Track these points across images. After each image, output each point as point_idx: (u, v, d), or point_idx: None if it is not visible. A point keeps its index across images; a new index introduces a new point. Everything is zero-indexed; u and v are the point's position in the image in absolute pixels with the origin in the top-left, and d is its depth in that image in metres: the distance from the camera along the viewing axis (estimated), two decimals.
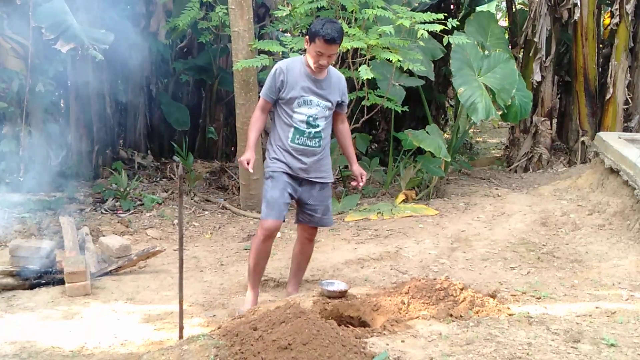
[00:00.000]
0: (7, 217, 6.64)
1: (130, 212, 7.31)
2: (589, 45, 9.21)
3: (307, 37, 4.16)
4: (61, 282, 4.80)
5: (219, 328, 3.69)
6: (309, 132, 4.22)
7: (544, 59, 9.40)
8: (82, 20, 7.03)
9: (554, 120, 10.12)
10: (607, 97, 9.18)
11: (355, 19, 6.90)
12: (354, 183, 4.51)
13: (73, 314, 4.36)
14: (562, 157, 9.63)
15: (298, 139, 4.22)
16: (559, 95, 10.31)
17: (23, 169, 7.26)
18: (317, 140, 4.26)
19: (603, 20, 10.38)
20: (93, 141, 8.59)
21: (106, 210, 7.29)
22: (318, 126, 4.23)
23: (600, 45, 9.68)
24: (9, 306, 4.49)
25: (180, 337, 3.64)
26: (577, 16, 9.06)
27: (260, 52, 7.04)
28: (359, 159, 8.83)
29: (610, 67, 9.21)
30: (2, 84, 7.03)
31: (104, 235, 6.22)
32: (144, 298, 4.76)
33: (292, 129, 4.22)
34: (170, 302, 4.54)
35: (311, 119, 4.21)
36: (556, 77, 9.87)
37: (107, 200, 7.59)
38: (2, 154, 7.24)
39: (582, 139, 9.32)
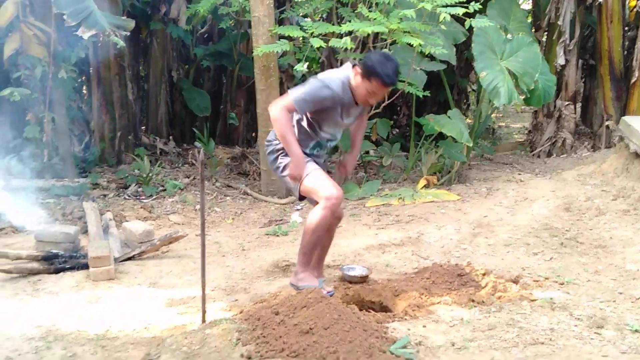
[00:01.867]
0: (32, 202, 6.73)
1: (153, 197, 7.37)
2: (614, 28, 9.06)
3: (360, 70, 3.87)
4: (85, 266, 4.86)
5: (241, 312, 3.72)
6: (329, 145, 4.20)
7: (567, 42, 9.25)
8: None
9: (578, 105, 9.99)
10: (633, 80, 9.00)
11: (377, 3, 6.85)
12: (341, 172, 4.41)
13: (97, 298, 4.41)
14: (586, 141, 9.51)
15: (317, 151, 4.18)
16: (583, 79, 10.17)
17: (47, 155, 7.34)
18: (330, 148, 4.27)
19: (628, 3, 10.19)
20: (115, 127, 8.66)
21: (129, 196, 7.36)
22: (337, 139, 4.21)
23: (626, 28, 9.51)
24: (35, 290, 4.55)
25: (203, 321, 3.67)
26: None
27: (281, 37, 7.02)
28: (379, 144, 8.88)
29: (636, 50, 9.03)
30: (25, 70, 7.10)
31: (127, 221, 6.28)
32: (167, 283, 4.80)
33: (314, 142, 4.12)
34: (193, 287, 4.57)
35: (335, 136, 4.16)
36: (580, 60, 9.73)
37: (130, 185, 7.66)
38: (26, 140, 7.33)
39: (606, 123, 9.18)
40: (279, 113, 3.88)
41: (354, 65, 3.98)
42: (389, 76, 3.77)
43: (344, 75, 3.96)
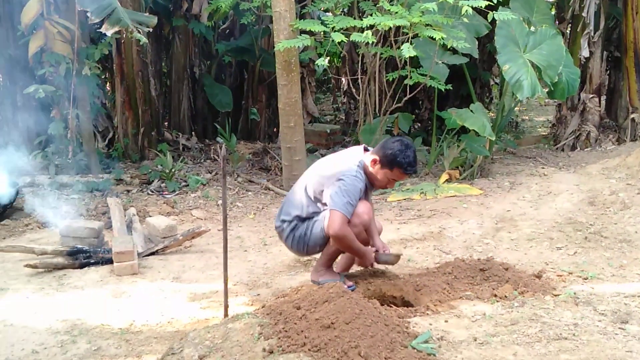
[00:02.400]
0: (57, 198, 6.82)
1: (176, 193, 7.42)
2: None
3: (380, 159, 3.88)
4: (110, 261, 4.91)
5: (263, 307, 3.73)
6: None
7: (592, 34, 9.12)
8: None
9: (603, 97, 9.86)
10: None
11: None
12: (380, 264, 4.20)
13: (121, 292, 4.46)
14: (611, 134, 9.39)
15: None
16: (608, 71, 10.04)
17: (71, 151, 7.43)
18: None
19: None
20: (138, 123, 8.73)
21: (152, 191, 7.42)
22: None
23: None
24: (60, 285, 4.61)
25: (226, 315, 3.69)
26: None
27: (302, 32, 7.01)
28: None
29: None
30: (50, 67, 7.19)
31: (150, 216, 6.33)
32: (189, 277, 4.84)
33: None
34: (215, 281, 4.60)
35: None
36: (605, 52, 9.60)
37: (153, 181, 7.73)
38: (51, 137, 7.43)
39: (632, 116, 9.06)
40: (343, 231, 3.79)
41: (365, 149, 4.02)
42: (411, 164, 3.84)
43: (359, 161, 3.95)
